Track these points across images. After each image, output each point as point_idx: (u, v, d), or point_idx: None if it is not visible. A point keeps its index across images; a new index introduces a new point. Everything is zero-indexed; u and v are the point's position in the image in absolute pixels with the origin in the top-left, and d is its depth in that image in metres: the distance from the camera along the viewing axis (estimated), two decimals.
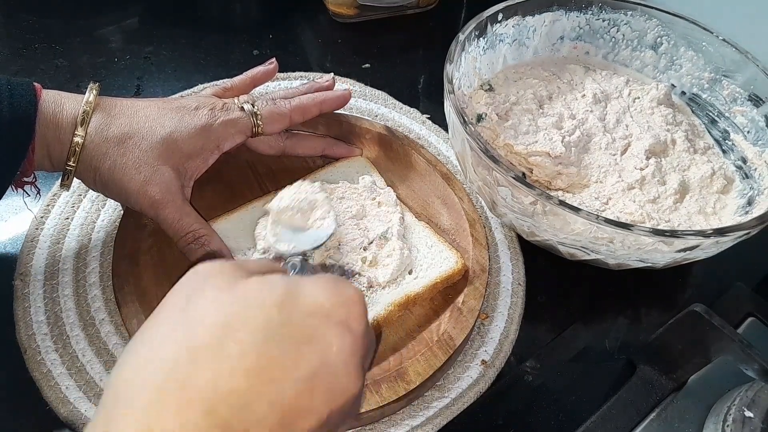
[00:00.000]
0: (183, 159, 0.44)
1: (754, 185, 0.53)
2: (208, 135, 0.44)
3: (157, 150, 0.42)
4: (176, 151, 0.43)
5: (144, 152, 0.42)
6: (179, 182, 0.43)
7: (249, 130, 0.47)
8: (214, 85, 0.51)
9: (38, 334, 0.43)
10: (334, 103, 0.52)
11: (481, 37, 0.56)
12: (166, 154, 0.42)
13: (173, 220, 0.43)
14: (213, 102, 0.46)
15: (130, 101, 0.44)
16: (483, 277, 0.47)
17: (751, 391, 0.40)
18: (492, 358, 0.46)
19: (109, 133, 0.41)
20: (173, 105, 0.45)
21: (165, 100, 0.45)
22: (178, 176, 0.43)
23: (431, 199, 0.54)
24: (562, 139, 0.52)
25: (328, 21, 0.75)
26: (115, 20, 0.71)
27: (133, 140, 0.42)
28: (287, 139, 0.52)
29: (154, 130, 0.42)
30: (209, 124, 0.44)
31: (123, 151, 0.41)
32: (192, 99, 0.46)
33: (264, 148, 0.51)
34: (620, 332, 0.50)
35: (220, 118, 0.45)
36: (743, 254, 0.49)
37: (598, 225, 0.42)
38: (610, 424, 0.42)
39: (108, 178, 0.42)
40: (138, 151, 0.42)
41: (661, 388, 0.43)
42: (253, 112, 0.46)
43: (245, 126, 0.46)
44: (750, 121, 0.56)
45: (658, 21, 0.60)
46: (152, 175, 0.42)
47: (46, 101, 0.41)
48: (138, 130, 0.42)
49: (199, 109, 0.45)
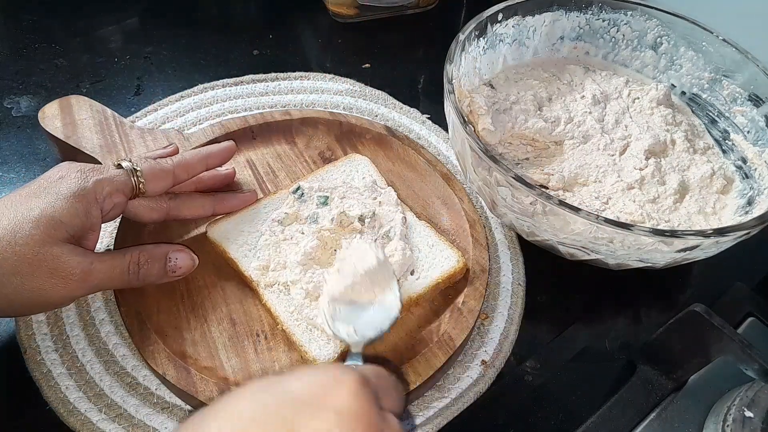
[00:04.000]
0: (69, 228, 0.38)
1: (754, 185, 0.53)
2: (85, 196, 0.39)
3: (38, 238, 0.36)
4: (58, 226, 0.37)
5: (28, 252, 0.36)
6: (81, 249, 0.39)
7: (128, 189, 0.41)
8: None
9: (38, 334, 0.43)
10: (219, 157, 0.48)
11: (481, 37, 0.56)
12: (47, 233, 0.37)
13: (110, 274, 0.39)
14: (79, 166, 0.40)
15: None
16: (483, 278, 0.47)
17: (751, 391, 0.40)
18: (492, 358, 0.46)
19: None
20: (32, 188, 0.39)
21: (22, 188, 0.39)
22: (76, 242, 0.39)
23: (431, 199, 0.54)
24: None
25: (328, 21, 0.75)
26: (115, 20, 0.71)
27: (8, 251, 0.36)
28: (171, 200, 0.46)
29: (21, 226, 0.36)
30: (82, 187, 0.39)
31: (8, 271, 0.36)
32: (53, 170, 0.40)
33: (145, 212, 0.44)
34: (620, 332, 0.50)
35: (92, 177, 0.40)
36: (743, 254, 0.49)
37: (598, 225, 0.42)
38: (610, 424, 0.42)
39: (18, 302, 0.37)
40: (20, 257, 0.36)
41: (661, 388, 0.43)
42: (132, 170, 0.42)
43: (123, 184, 0.41)
44: (750, 121, 0.56)
45: (658, 21, 0.60)
46: (55, 266, 0.37)
47: None
48: (3, 236, 0.36)
49: (64, 177, 0.39)
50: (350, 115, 0.59)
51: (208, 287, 0.46)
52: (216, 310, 0.44)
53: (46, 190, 0.38)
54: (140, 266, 0.41)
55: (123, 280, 0.40)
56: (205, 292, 0.46)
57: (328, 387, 0.26)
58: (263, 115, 0.57)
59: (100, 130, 0.52)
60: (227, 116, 0.60)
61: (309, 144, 0.57)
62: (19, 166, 0.55)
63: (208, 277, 0.46)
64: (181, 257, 0.43)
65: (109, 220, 0.42)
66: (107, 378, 0.42)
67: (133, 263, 0.41)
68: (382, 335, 0.39)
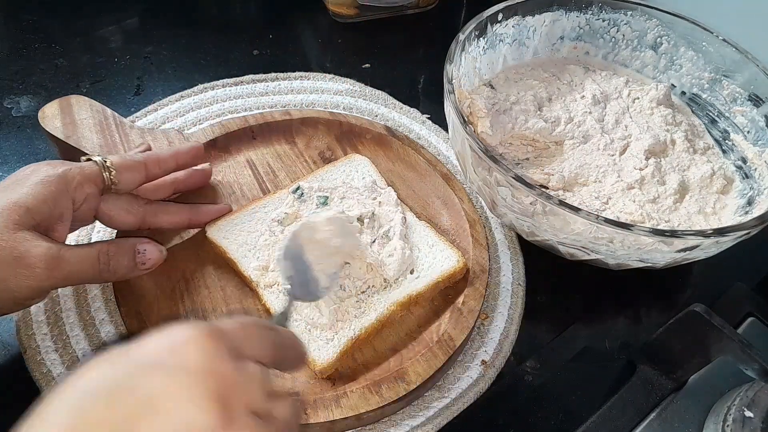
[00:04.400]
0: (35, 214, 0.37)
1: (754, 185, 0.53)
2: (53, 182, 0.38)
3: (2, 224, 0.36)
4: (23, 212, 0.36)
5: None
6: (48, 238, 0.38)
7: (99, 180, 0.41)
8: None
9: (38, 334, 0.43)
10: (187, 154, 0.48)
11: (481, 37, 0.56)
12: (12, 219, 0.36)
13: (79, 265, 0.38)
14: (50, 162, 0.40)
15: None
16: (483, 278, 0.47)
17: (751, 391, 0.40)
18: (492, 358, 0.46)
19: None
20: (4, 184, 0.39)
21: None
22: (44, 233, 0.38)
23: (431, 199, 0.54)
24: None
25: (328, 21, 0.75)
26: (115, 20, 0.71)
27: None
28: (147, 204, 0.45)
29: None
30: (50, 174, 0.39)
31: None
32: (24, 167, 0.40)
33: (121, 215, 0.44)
34: (620, 332, 0.50)
35: (62, 168, 0.39)
36: (743, 254, 0.49)
37: (598, 225, 0.42)
38: (610, 424, 0.42)
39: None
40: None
41: (661, 388, 0.43)
42: (102, 163, 0.41)
43: (94, 174, 0.41)
44: (750, 121, 0.56)
45: (658, 21, 0.60)
46: (19, 253, 0.35)
47: None
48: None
49: (35, 171, 0.39)
50: (350, 115, 0.59)
51: (208, 287, 0.46)
52: (216, 310, 0.44)
53: (15, 183, 0.38)
54: (110, 257, 0.40)
55: (94, 271, 0.39)
56: (205, 292, 0.45)
57: (175, 346, 0.26)
58: (263, 115, 0.57)
59: (100, 130, 0.52)
60: (227, 116, 0.60)
61: (309, 144, 0.57)
62: (19, 166, 0.54)
63: (208, 277, 0.46)
64: (150, 249, 0.42)
65: (83, 220, 0.42)
66: None
67: (102, 253, 0.40)
68: (310, 303, 0.41)
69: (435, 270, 0.47)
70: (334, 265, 0.42)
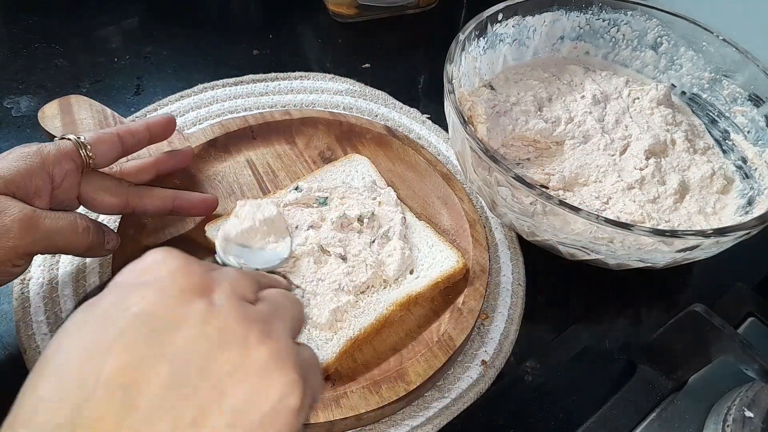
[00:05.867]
0: (9, 183, 0.38)
1: (754, 185, 0.53)
2: (28, 156, 0.39)
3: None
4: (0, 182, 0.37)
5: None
6: (23, 202, 0.38)
7: (76, 155, 0.41)
8: None
9: (38, 334, 0.43)
10: (160, 125, 0.47)
11: (481, 36, 0.56)
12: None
13: (57, 225, 0.38)
14: (27, 144, 0.41)
15: None
16: (483, 278, 0.47)
17: (752, 391, 0.40)
18: (492, 358, 0.46)
19: None
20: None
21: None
22: (20, 196, 0.38)
23: (431, 199, 0.54)
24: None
25: (328, 21, 0.75)
26: (115, 20, 0.71)
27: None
28: (131, 187, 0.45)
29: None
30: (25, 151, 0.39)
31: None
32: (3, 153, 0.41)
33: (104, 197, 0.43)
34: (620, 332, 0.50)
35: (35, 146, 0.40)
36: (743, 254, 0.49)
37: (598, 225, 0.42)
38: (610, 424, 0.42)
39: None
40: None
41: (661, 389, 0.43)
42: (77, 140, 0.41)
43: (70, 149, 0.41)
44: (750, 121, 0.56)
45: (659, 21, 0.60)
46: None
47: None
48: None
49: (12, 151, 0.40)
50: (350, 115, 0.59)
51: None
52: None
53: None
54: (87, 223, 0.40)
55: (71, 232, 0.39)
56: None
57: (145, 267, 0.26)
58: (263, 114, 0.57)
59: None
60: (227, 116, 0.60)
61: (309, 144, 0.57)
62: None
63: None
64: (109, 231, 0.44)
65: (67, 202, 0.42)
66: None
67: (81, 218, 0.40)
68: (272, 269, 0.43)
69: (435, 270, 0.47)
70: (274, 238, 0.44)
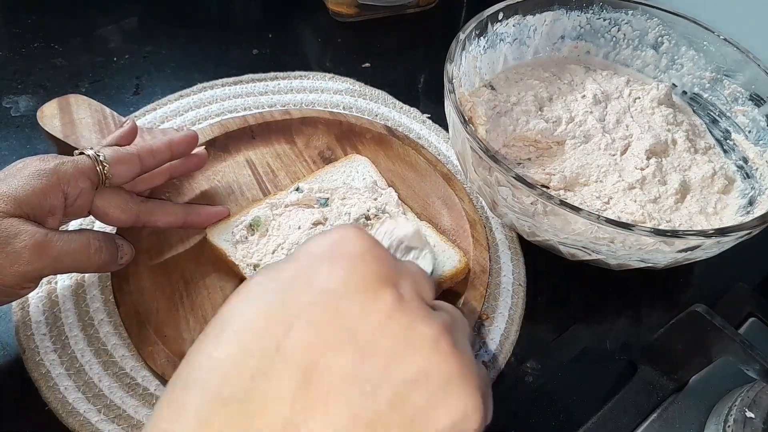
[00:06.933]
0: (24, 205, 0.37)
1: (755, 185, 0.52)
2: (45, 175, 0.38)
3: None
4: (11, 202, 0.36)
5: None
6: (36, 224, 0.38)
7: (93, 174, 0.40)
8: None
9: (37, 335, 0.43)
10: (182, 143, 0.47)
11: (481, 36, 0.56)
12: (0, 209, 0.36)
13: (69, 247, 0.38)
14: (43, 156, 0.40)
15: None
16: (483, 278, 0.47)
17: (753, 391, 0.40)
18: (492, 358, 0.46)
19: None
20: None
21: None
22: (31, 218, 0.38)
23: (432, 199, 0.54)
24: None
25: (328, 21, 0.75)
26: (114, 20, 0.71)
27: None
28: (142, 203, 0.45)
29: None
30: (42, 168, 0.38)
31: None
32: (18, 162, 0.40)
33: (114, 211, 0.43)
34: (621, 333, 0.50)
35: (54, 161, 0.39)
36: (744, 254, 0.49)
37: (599, 225, 0.42)
38: (610, 424, 0.42)
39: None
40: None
41: (662, 389, 0.43)
42: (95, 156, 0.41)
43: (88, 168, 0.40)
44: (751, 120, 0.56)
45: (659, 20, 0.60)
46: (5, 236, 0.35)
47: None
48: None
49: (27, 165, 0.39)
50: (350, 115, 0.59)
51: (207, 288, 0.46)
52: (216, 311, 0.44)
53: (6, 176, 0.38)
54: (100, 243, 0.40)
55: (84, 254, 0.39)
56: (205, 293, 0.45)
57: (334, 242, 0.27)
58: (263, 114, 0.57)
59: (99, 130, 0.51)
60: (226, 116, 0.60)
61: (309, 143, 0.57)
62: None
63: (207, 278, 0.46)
64: (125, 245, 0.43)
65: (77, 214, 0.41)
66: (106, 379, 0.42)
67: (93, 239, 0.40)
68: None
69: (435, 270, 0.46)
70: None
